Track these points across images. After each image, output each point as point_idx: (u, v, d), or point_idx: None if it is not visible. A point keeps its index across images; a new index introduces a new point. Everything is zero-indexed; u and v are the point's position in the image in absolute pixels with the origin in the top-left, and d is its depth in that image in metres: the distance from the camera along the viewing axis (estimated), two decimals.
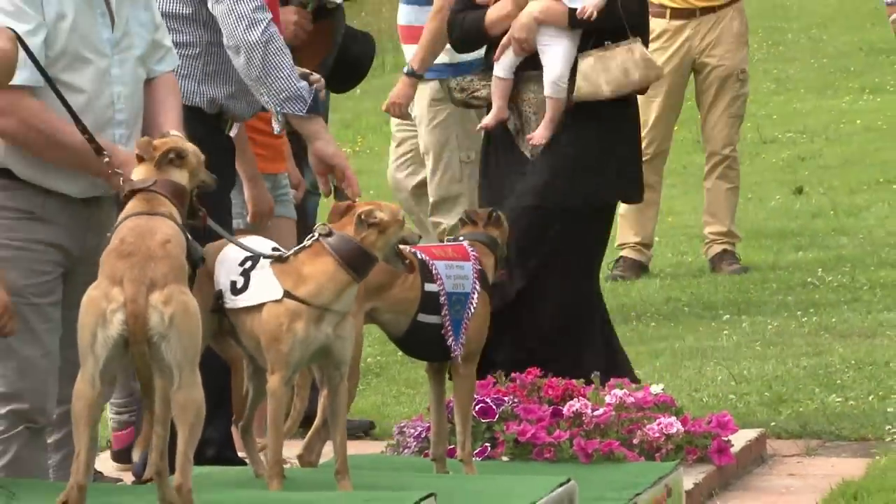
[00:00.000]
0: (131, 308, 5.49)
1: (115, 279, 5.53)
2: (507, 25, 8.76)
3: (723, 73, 12.29)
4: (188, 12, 7.69)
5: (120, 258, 5.58)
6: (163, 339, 5.54)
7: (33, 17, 6.68)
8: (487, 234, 7.28)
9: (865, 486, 8.16)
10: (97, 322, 5.51)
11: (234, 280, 6.35)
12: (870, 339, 10.50)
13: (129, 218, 5.78)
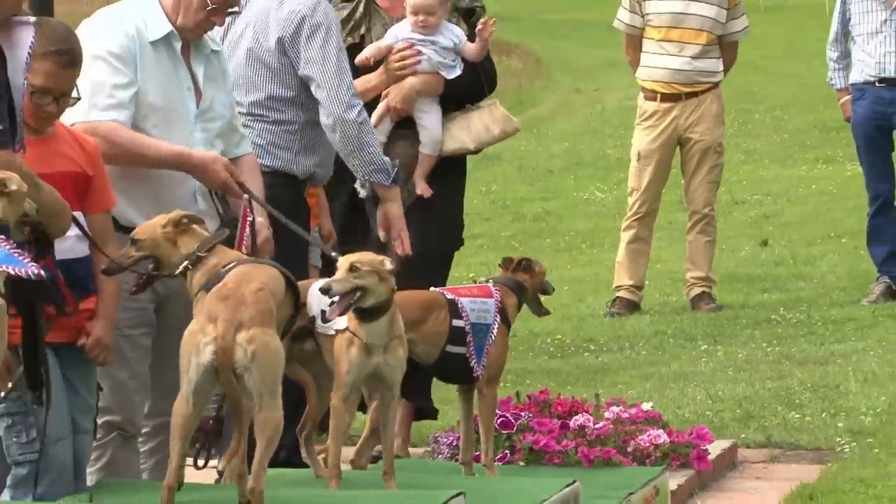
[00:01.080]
0: (220, 343, 5.51)
1: (211, 317, 5.54)
2: (373, 95, 8.47)
3: (703, 146, 12.27)
4: (290, 95, 7.63)
5: (218, 300, 5.59)
6: (245, 371, 5.56)
7: (127, 73, 6.72)
8: (512, 279, 7.24)
9: (819, 488, 8.17)
10: (192, 351, 5.52)
11: (324, 310, 6.32)
12: (823, 366, 10.49)
13: (239, 265, 5.81)
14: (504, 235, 15.15)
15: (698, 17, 12.22)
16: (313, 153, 7.86)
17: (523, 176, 19.38)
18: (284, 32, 7.60)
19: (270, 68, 7.63)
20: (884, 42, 12.12)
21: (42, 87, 6.21)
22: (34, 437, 6.09)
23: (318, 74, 7.61)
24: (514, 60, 30.17)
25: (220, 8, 6.83)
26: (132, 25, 6.78)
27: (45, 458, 6.12)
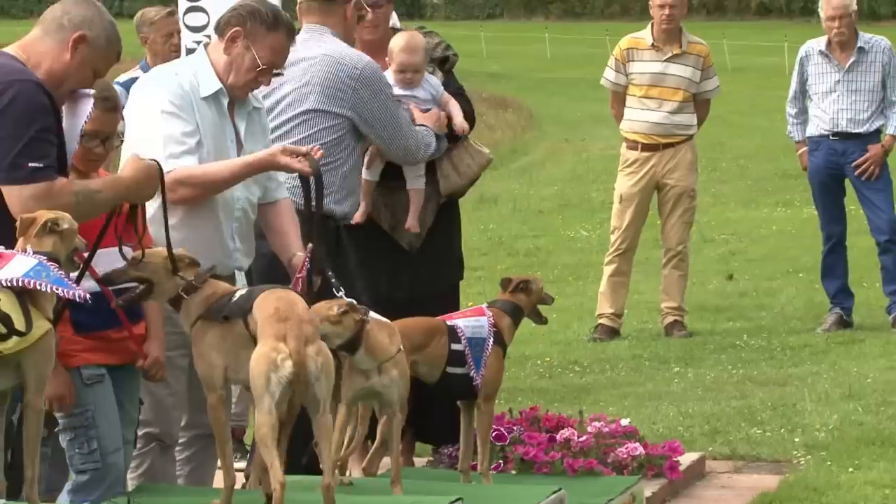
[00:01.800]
0: (297, 358, 5.46)
1: (279, 336, 5.49)
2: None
3: (678, 191, 12.26)
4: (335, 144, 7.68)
5: (279, 321, 5.53)
6: (316, 380, 5.54)
7: (190, 121, 6.72)
8: (508, 301, 7.23)
9: (778, 496, 8.18)
10: (270, 369, 5.46)
11: None
12: (782, 386, 10.47)
13: (265, 292, 5.76)
14: (500, 268, 15.11)
15: (676, 77, 12.24)
16: (353, 195, 7.90)
17: (517, 216, 19.38)
18: (330, 88, 7.65)
19: (317, 122, 7.65)
20: (837, 100, 12.13)
21: (90, 131, 6.22)
22: (94, 448, 6.10)
23: (380, 128, 7.75)
24: (510, 114, 30.23)
25: (267, 70, 6.82)
26: (186, 81, 6.77)
27: (103, 467, 6.12)
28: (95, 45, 5.77)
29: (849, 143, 12.15)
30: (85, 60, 5.78)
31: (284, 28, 6.88)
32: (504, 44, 43.40)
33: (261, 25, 6.76)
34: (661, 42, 12.24)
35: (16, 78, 5.64)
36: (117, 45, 5.90)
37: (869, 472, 8.45)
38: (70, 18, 5.78)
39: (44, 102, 5.64)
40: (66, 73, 5.78)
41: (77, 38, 5.74)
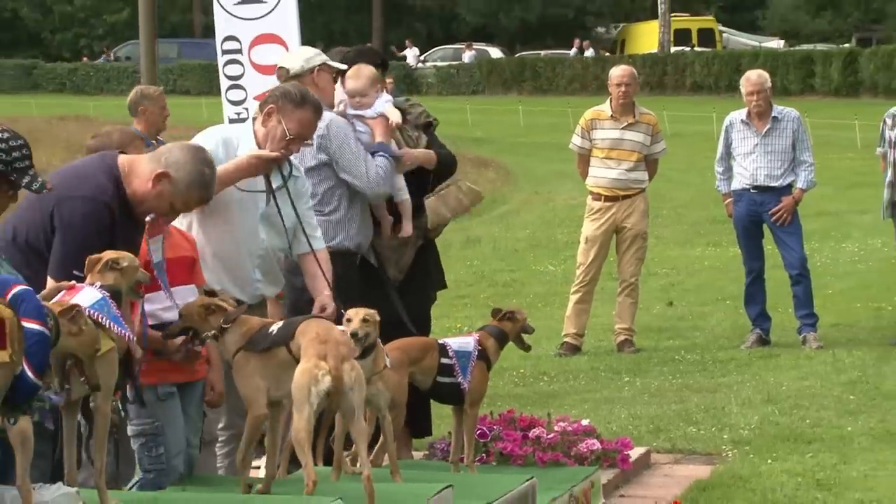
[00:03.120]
0: (335, 373, 5.44)
1: (320, 356, 5.47)
2: None
3: (634, 233, 12.28)
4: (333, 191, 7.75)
5: (320, 343, 5.51)
6: (350, 391, 5.51)
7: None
8: (495, 327, 7.23)
9: (710, 482, 8.16)
10: (311, 382, 5.43)
11: None
12: (713, 393, 10.46)
13: (307, 321, 5.75)
14: (482, 297, 15.13)
15: (631, 141, 12.27)
16: (363, 229, 7.92)
17: (496, 253, 19.38)
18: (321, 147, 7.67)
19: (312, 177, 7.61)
20: (756, 160, 12.15)
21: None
22: (161, 452, 6.09)
23: (348, 167, 7.70)
24: (490, 171, 30.26)
25: (295, 139, 6.84)
26: (226, 139, 6.83)
27: (167, 468, 6.10)
28: (176, 185, 5.73)
29: (766, 195, 12.17)
30: (163, 194, 5.75)
31: (311, 105, 6.89)
32: (485, 115, 43.47)
33: (290, 103, 6.81)
34: (619, 113, 12.28)
35: (87, 195, 5.68)
36: (200, 192, 5.83)
37: (784, 463, 8.46)
38: (167, 157, 5.79)
39: (103, 222, 5.65)
40: (145, 198, 5.76)
41: (161, 174, 5.72)
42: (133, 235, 5.84)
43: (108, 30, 68.28)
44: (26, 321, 4.26)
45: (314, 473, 5.40)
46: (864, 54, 46.30)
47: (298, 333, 5.64)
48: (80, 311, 4.80)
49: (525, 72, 54.75)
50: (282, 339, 5.71)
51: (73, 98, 53.35)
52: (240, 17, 11.01)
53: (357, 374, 5.57)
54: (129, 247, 5.70)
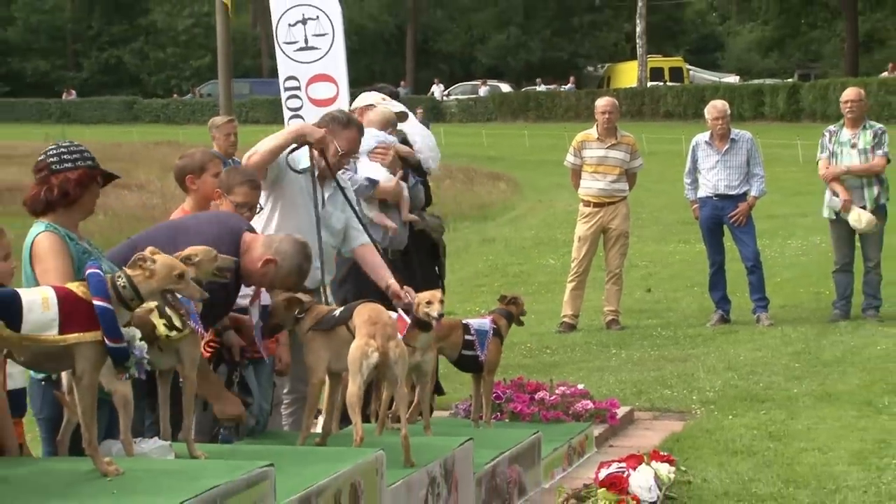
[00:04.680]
0: (382, 350, 5.41)
1: (370, 335, 5.42)
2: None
3: (618, 233, 12.23)
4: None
5: (371, 324, 5.46)
6: (395, 365, 5.47)
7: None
8: (503, 309, 7.23)
9: (683, 434, 8.15)
10: (362, 357, 5.38)
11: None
12: (684, 362, 10.43)
13: (362, 304, 5.66)
14: (496, 285, 15.09)
15: (614, 158, 12.23)
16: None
17: (508, 250, 19.35)
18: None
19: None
20: (717, 173, 12.09)
21: (241, 203, 6.19)
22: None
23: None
24: (502, 183, 30.17)
25: (346, 154, 6.83)
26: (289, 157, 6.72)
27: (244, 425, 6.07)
28: (279, 271, 5.60)
29: (726, 201, 12.11)
30: (267, 275, 5.61)
31: (355, 126, 6.88)
32: (497, 138, 43.38)
33: (339, 125, 6.79)
34: (603, 136, 12.24)
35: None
36: (295, 279, 5.68)
37: (742, 419, 8.43)
38: (277, 246, 5.64)
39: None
40: (252, 275, 5.61)
41: (269, 260, 5.59)
42: (235, 295, 5.72)
43: (194, 72, 68.44)
44: (94, 299, 4.22)
45: (362, 430, 5.37)
46: (804, 87, 46.21)
47: (355, 314, 5.61)
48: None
49: (529, 103, 54.65)
50: (343, 319, 5.67)
51: (166, 127, 53.46)
52: (299, 61, 11.05)
53: (401, 350, 5.52)
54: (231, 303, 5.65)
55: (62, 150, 5.11)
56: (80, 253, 5.02)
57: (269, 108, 48.78)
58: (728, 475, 7.08)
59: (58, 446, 4.85)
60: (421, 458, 5.45)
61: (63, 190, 5.03)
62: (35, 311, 4.08)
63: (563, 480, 7.02)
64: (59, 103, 62.24)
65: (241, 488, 4.09)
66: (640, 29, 52.25)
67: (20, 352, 4.14)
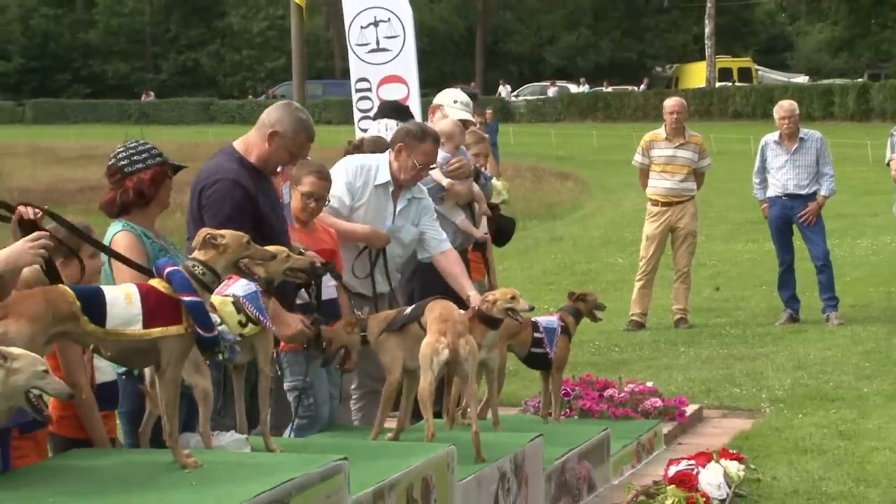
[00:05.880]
0: (452, 346, 5.39)
1: (441, 332, 5.41)
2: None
3: (685, 232, 12.16)
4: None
5: (441, 322, 5.45)
6: (465, 361, 5.45)
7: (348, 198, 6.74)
8: (571, 305, 7.19)
9: (751, 433, 8.07)
10: (433, 353, 5.38)
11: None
12: (753, 361, 10.33)
13: (433, 301, 5.66)
14: (564, 283, 15.01)
15: (682, 158, 12.15)
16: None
17: (576, 248, 19.29)
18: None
19: None
20: (786, 173, 11.97)
21: (307, 192, 6.22)
22: (311, 402, 6.09)
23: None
24: (571, 182, 30.10)
25: (424, 168, 6.83)
26: (363, 165, 6.76)
27: (316, 415, 6.11)
28: (285, 136, 5.58)
29: (795, 201, 11.99)
30: (279, 147, 5.61)
31: (430, 138, 6.84)
32: (566, 138, 43.25)
33: (414, 139, 6.78)
34: (672, 136, 12.17)
35: (219, 177, 5.52)
36: (304, 134, 5.62)
37: (812, 417, 8.34)
38: (269, 119, 5.63)
39: (236, 196, 5.46)
40: (268, 157, 5.63)
41: (271, 133, 5.60)
42: (270, 195, 5.68)
43: (268, 73, 69.01)
44: (182, 295, 4.25)
45: (433, 425, 5.37)
46: (874, 87, 45.63)
47: (427, 311, 5.61)
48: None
49: (598, 103, 54.42)
50: (414, 317, 5.67)
51: (241, 128, 53.59)
52: (370, 63, 11.10)
53: (471, 347, 5.50)
54: (273, 206, 5.59)
55: (131, 151, 5.14)
56: (156, 251, 5.06)
57: (342, 109, 49.03)
58: (798, 473, 7.00)
59: (139, 438, 4.90)
60: (491, 453, 5.44)
61: (138, 191, 5.07)
62: (119, 307, 4.13)
63: (633, 477, 6.98)
64: (138, 104, 63.07)
65: (315, 481, 4.12)
66: (708, 30, 51.84)
67: (106, 347, 4.18)
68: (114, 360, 4.47)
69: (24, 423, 4.25)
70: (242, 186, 5.49)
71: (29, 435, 4.64)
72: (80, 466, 4.28)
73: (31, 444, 4.72)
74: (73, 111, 62.51)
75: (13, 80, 68.04)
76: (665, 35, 68.03)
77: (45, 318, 3.97)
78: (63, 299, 4.05)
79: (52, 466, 4.38)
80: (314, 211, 6.35)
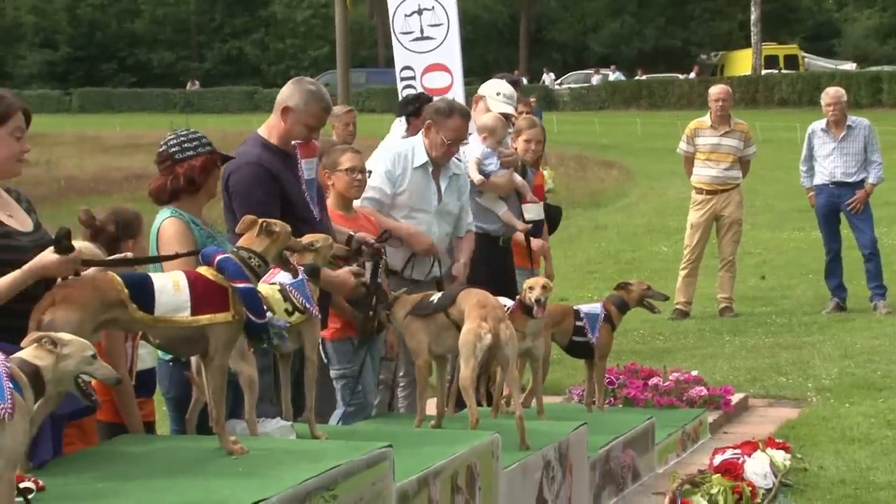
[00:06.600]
0: (494, 332, 5.39)
1: (483, 318, 5.40)
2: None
3: (730, 220, 12.09)
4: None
5: (481, 307, 5.45)
6: (506, 346, 5.45)
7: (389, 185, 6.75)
8: (616, 296, 7.18)
9: (798, 422, 8.02)
10: (476, 339, 5.37)
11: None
12: (799, 350, 10.26)
13: (465, 290, 5.66)
14: (608, 272, 15.01)
15: (728, 145, 12.08)
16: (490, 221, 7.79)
17: (620, 236, 19.22)
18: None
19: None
20: (833, 160, 11.89)
21: (351, 167, 6.29)
22: (360, 390, 6.12)
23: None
24: (615, 171, 29.97)
25: (453, 143, 6.83)
26: (398, 153, 6.77)
27: (364, 403, 6.14)
28: (297, 109, 5.58)
29: (842, 188, 11.91)
30: (294, 122, 5.60)
31: (458, 113, 6.86)
32: (610, 126, 43.06)
33: (441, 116, 6.80)
34: (717, 123, 12.09)
35: (243, 162, 5.54)
36: (316, 105, 5.59)
37: (859, 407, 8.27)
38: (281, 97, 5.66)
39: (262, 177, 5.46)
40: (287, 134, 5.63)
41: (283, 109, 5.61)
42: (296, 175, 5.66)
43: (312, 62, 69.15)
44: (234, 282, 4.27)
45: (477, 412, 5.37)
46: None
47: (460, 300, 5.59)
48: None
49: (642, 91, 54.13)
50: (442, 306, 5.66)
51: None
52: (414, 51, 11.10)
53: (511, 332, 5.50)
54: (297, 186, 5.59)
55: (182, 138, 5.18)
56: (204, 238, 5.09)
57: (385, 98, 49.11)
58: (845, 463, 6.94)
59: (186, 425, 4.94)
60: (536, 441, 5.45)
61: (189, 178, 5.10)
62: (167, 294, 4.14)
63: (678, 466, 6.95)
64: (183, 93, 63.40)
65: (360, 468, 4.13)
66: (754, 16, 51.40)
67: (155, 334, 4.20)
68: (161, 348, 4.49)
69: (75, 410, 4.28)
70: (265, 168, 5.51)
71: (76, 422, 4.68)
72: (128, 452, 4.32)
73: (77, 432, 4.76)
74: (118, 100, 62.93)
75: (60, 70, 68.61)
76: (710, 22, 67.50)
77: (93, 305, 3.99)
78: (111, 286, 4.07)
79: (99, 452, 4.42)
80: (362, 182, 6.40)
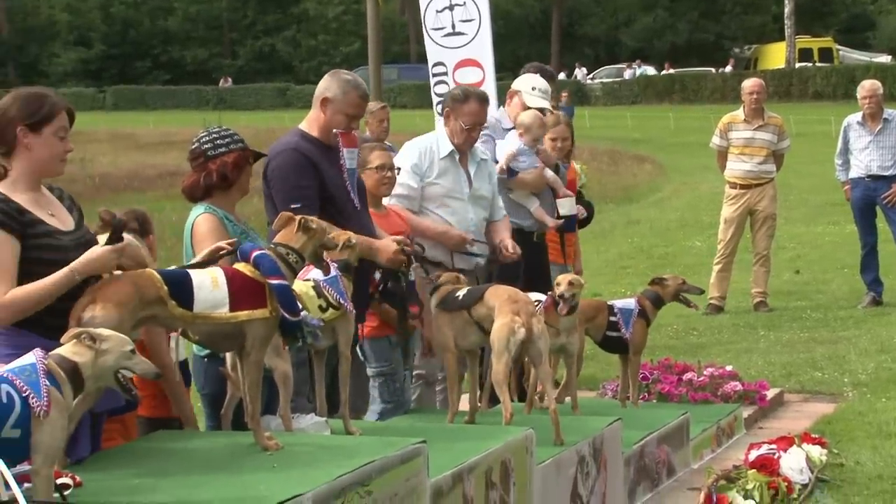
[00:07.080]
0: (527, 326, 5.40)
1: (515, 312, 5.41)
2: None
3: (765, 215, 12.02)
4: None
5: (513, 302, 5.46)
6: (538, 340, 5.46)
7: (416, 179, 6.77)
8: (651, 291, 7.16)
9: (833, 417, 7.98)
10: (510, 333, 5.38)
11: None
12: (834, 344, 10.20)
13: (493, 287, 5.67)
14: (641, 267, 14.97)
15: (761, 139, 12.00)
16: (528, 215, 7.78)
17: (653, 231, 19.15)
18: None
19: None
20: (869, 154, 11.81)
21: (380, 165, 6.30)
22: (397, 387, 6.14)
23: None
24: (647, 165, 29.88)
25: (471, 128, 6.85)
26: (423, 149, 6.79)
27: (401, 399, 6.16)
28: (335, 99, 5.67)
29: (878, 182, 11.83)
30: (334, 112, 5.68)
31: (474, 98, 6.89)
32: (642, 121, 42.93)
33: (457, 102, 6.85)
34: (751, 117, 12.02)
35: (281, 149, 5.63)
36: (354, 93, 5.68)
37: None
38: (318, 90, 5.75)
39: (300, 162, 5.54)
40: (327, 125, 5.70)
41: (322, 101, 5.70)
42: (338, 167, 5.69)
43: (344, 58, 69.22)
44: (270, 279, 4.28)
45: (511, 407, 5.36)
46: None
47: (488, 297, 5.57)
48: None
49: (675, 85, 53.92)
50: (465, 304, 5.66)
51: None
52: (446, 47, 11.09)
53: (542, 327, 5.50)
54: (339, 178, 5.61)
55: (214, 135, 5.22)
56: (237, 234, 5.11)
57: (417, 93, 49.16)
58: (882, 458, 6.90)
59: (221, 420, 4.96)
60: (570, 436, 5.44)
61: (222, 174, 5.13)
62: (205, 290, 4.16)
63: (713, 461, 6.93)
64: (215, 90, 63.66)
65: (395, 464, 4.14)
66: (788, 10, 51.06)
67: (194, 330, 4.22)
68: (200, 344, 4.52)
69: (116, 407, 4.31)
70: (302, 154, 5.57)
71: (118, 418, 4.71)
72: (164, 448, 4.35)
73: (118, 427, 4.79)
74: (152, 98, 63.26)
75: (94, 68, 69.04)
76: (743, 16, 67.14)
77: (132, 302, 4.00)
78: (151, 283, 4.08)
79: (137, 448, 4.45)
80: (391, 180, 6.43)
